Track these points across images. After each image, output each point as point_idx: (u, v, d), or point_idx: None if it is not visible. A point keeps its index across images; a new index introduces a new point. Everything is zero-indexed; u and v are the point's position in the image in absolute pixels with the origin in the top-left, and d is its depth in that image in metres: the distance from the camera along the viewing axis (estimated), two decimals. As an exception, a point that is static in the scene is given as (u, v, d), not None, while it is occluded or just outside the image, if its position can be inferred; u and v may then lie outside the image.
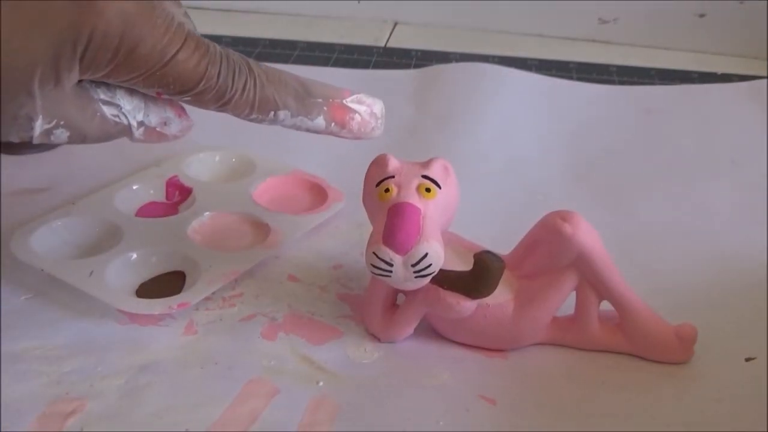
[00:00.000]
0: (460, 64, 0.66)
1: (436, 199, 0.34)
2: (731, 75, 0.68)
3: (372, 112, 0.36)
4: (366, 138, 0.36)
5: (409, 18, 0.78)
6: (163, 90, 0.31)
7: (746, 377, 0.35)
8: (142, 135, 0.34)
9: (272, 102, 0.33)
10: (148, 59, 0.30)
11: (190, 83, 0.31)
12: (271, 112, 0.33)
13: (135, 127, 0.33)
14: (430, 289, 0.34)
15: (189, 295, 0.37)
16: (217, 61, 0.31)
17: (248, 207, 0.44)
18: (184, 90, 0.31)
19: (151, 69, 0.30)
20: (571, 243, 0.34)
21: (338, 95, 0.35)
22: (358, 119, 0.35)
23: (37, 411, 0.32)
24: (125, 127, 0.33)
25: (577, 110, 0.60)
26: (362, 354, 0.36)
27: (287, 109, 0.34)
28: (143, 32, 0.29)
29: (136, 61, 0.29)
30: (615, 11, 0.74)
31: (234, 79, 0.32)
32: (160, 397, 0.33)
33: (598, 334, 0.36)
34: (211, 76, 0.31)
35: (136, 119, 0.33)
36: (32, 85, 0.29)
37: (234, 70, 0.32)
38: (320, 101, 0.34)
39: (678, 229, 0.46)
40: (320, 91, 0.34)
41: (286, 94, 0.33)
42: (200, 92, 0.31)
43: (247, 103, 0.33)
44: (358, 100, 0.35)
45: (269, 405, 0.33)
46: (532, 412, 0.33)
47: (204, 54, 0.31)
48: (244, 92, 0.32)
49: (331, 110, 0.35)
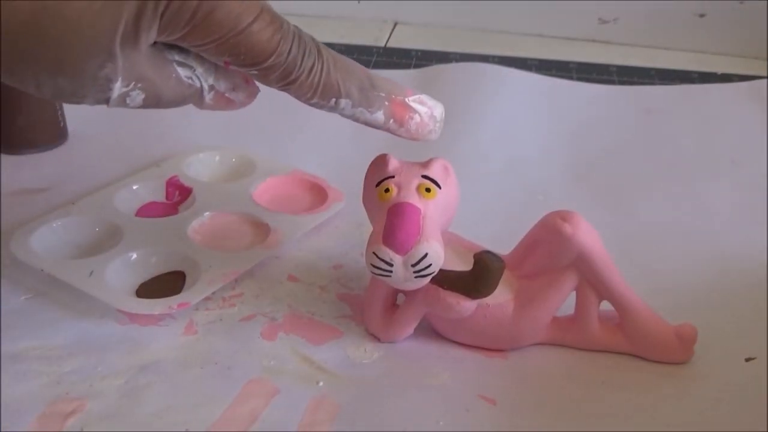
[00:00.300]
0: (460, 64, 0.66)
1: (436, 199, 0.34)
2: (731, 75, 0.68)
3: (432, 114, 0.35)
4: (422, 140, 0.35)
5: (409, 18, 0.78)
6: (233, 60, 0.31)
7: (746, 377, 0.35)
8: (211, 99, 0.33)
9: (336, 89, 0.33)
10: (224, 25, 0.29)
11: (260, 56, 0.31)
12: (333, 99, 0.33)
13: (207, 90, 0.33)
14: (430, 289, 0.34)
15: (189, 295, 0.37)
16: (290, 38, 0.31)
17: (248, 207, 0.44)
18: (254, 62, 0.31)
19: (225, 35, 0.30)
20: (571, 243, 0.34)
21: (401, 92, 0.34)
22: (417, 119, 0.35)
23: (37, 411, 0.32)
24: (197, 89, 0.33)
25: (577, 110, 0.60)
26: (362, 354, 0.36)
27: (349, 98, 0.33)
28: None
29: (212, 25, 0.29)
30: (615, 11, 0.74)
31: (303, 59, 0.31)
32: (160, 397, 0.33)
33: (598, 334, 0.36)
34: (282, 51, 0.31)
35: (207, 82, 0.33)
36: (114, 43, 0.28)
37: (305, 50, 0.31)
38: (383, 95, 0.34)
39: (678, 229, 0.46)
40: (384, 85, 0.34)
41: (350, 83, 0.33)
42: (269, 67, 0.31)
43: (311, 85, 0.32)
44: (420, 100, 0.35)
45: (269, 405, 0.33)
46: (532, 412, 0.33)
47: (278, 29, 0.31)
48: (311, 74, 0.32)
49: (392, 106, 0.34)
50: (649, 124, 0.58)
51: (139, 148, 0.51)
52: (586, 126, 0.58)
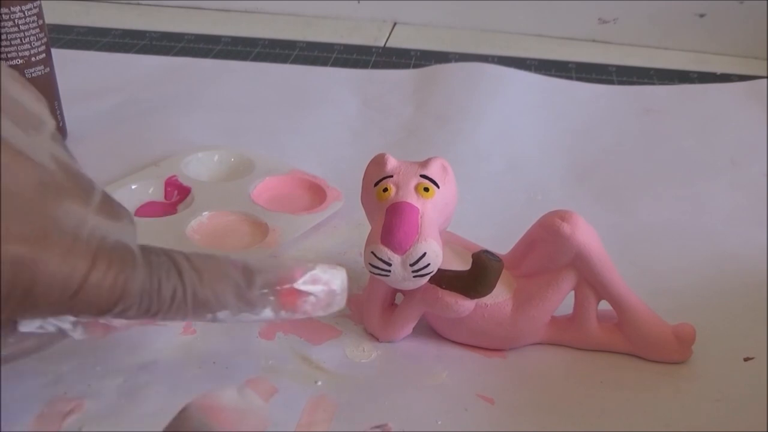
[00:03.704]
0: (459, 64, 0.66)
1: (435, 198, 0.34)
2: (731, 75, 0.68)
3: (330, 289, 0.31)
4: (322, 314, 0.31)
5: (409, 18, 0.78)
6: (76, 316, 0.27)
7: (745, 377, 0.35)
8: (83, 333, 0.28)
9: (208, 304, 0.28)
10: (49, 296, 0.25)
11: (106, 306, 0.26)
12: (208, 315, 0.29)
13: (70, 329, 0.28)
14: (429, 289, 0.34)
15: (187, 295, 0.37)
16: (138, 275, 0.26)
17: (247, 207, 0.44)
18: (101, 312, 0.26)
19: (55, 304, 0.25)
20: (570, 243, 0.34)
21: (288, 278, 0.30)
22: (312, 300, 0.30)
23: (36, 410, 0.32)
24: (56, 335, 0.28)
25: (576, 110, 0.60)
26: (361, 353, 0.36)
27: (226, 309, 0.29)
28: (37, 271, 0.24)
29: (34, 301, 0.25)
30: (615, 11, 0.74)
31: (160, 289, 0.27)
32: (158, 396, 0.33)
33: (596, 334, 0.36)
34: (130, 294, 0.26)
35: (65, 323, 0.28)
36: None
37: (159, 278, 0.27)
38: (265, 291, 0.29)
39: (677, 229, 0.46)
40: (266, 277, 0.29)
41: (224, 292, 0.29)
42: (121, 311, 0.27)
43: (179, 311, 0.28)
44: (313, 278, 0.30)
45: (267, 404, 0.33)
46: (530, 412, 0.33)
47: (120, 270, 0.26)
48: (174, 301, 0.28)
49: (280, 298, 0.30)
50: (649, 124, 0.58)
51: (138, 147, 0.51)
52: (586, 126, 0.58)
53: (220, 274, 0.29)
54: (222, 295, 0.29)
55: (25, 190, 0.24)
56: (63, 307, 0.26)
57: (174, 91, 0.60)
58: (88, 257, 0.25)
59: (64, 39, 0.71)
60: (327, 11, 0.79)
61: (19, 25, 0.46)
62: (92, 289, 0.25)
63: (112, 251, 0.26)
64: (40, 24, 0.47)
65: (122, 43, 0.70)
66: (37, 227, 0.24)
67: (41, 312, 0.26)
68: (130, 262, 0.26)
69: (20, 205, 0.24)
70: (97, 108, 0.57)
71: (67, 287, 0.25)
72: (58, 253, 0.25)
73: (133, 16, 0.78)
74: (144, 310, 0.27)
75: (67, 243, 0.25)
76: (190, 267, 0.28)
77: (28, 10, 0.46)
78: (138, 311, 0.27)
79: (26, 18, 0.46)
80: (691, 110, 0.60)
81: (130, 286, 0.26)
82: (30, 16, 0.46)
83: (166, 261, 0.28)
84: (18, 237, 0.24)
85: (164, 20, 0.77)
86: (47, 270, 0.24)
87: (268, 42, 0.72)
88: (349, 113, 0.58)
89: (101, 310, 0.26)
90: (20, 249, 0.24)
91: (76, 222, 0.25)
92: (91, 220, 0.26)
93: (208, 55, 0.68)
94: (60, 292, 0.25)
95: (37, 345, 0.28)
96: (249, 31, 0.74)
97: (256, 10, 0.79)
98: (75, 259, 0.25)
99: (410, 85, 0.63)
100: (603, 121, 0.59)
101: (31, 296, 0.25)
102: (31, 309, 0.25)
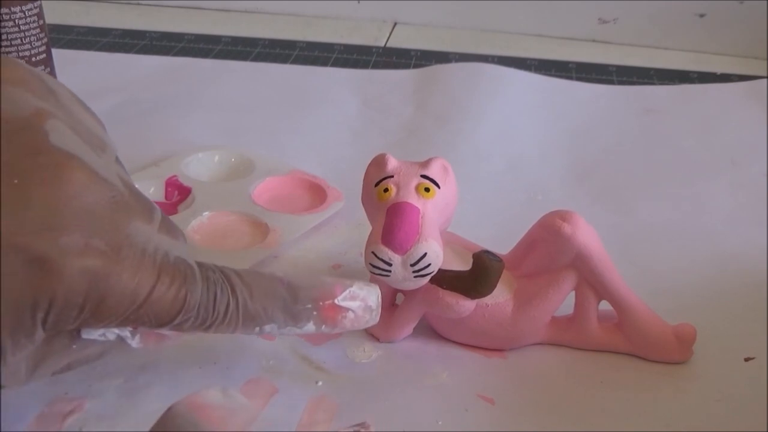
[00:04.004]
0: (459, 64, 0.66)
1: (435, 198, 0.34)
2: (730, 75, 0.68)
3: (366, 305, 0.32)
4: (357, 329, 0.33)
5: (409, 18, 0.78)
6: (139, 327, 0.28)
7: (745, 377, 0.35)
8: (139, 342, 0.30)
9: (258, 319, 0.30)
10: (119, 307, 0.27)
11: (167, 317, 0.28)
12: (257, 327, 0.30)
13: (129, 337, 0.29)
14: (429, 289, 0.34)
15: (188, 295, 0.37)
16: (197, 289, 0.28)
17: (247, 207, 0.44)
18: (162, 324, 0.28)
19: (123, 314, 0.27)
20: (570, 243, 0.34)
21: (329, 295, 0.31)
22: (351, 316, 0.32)
23: (36, 411, 0.32)
24: (115, 342, 0.29)
25: (576, 110, 0.60)
26: (361, 354, 0.36)
27: (274, 323, 0.31)
28: (110, 283, 0.26)
29: (105, 311, 0.26)
30: (615, 11, 0.75)
31: (215, 304, 0.29)
32: (158, 397, 0.33)
33: (596, 334, 0.36)
34: (190, 307, 0.28)
35: (125, 331, 0.29)
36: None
37: (215, 292, 0.29)
38: (309, 307, 0.31)
39: (677, 229, 0.46)
40: (309, 294, 0.31)
41: (272, 307, 0.30)
42: (179, 323, 0.28)
43: (230, 324, 0.30)
44: (351, 295, 0.32)
45: (268, 405, 0.33)
46: (531, 412, 0.33)
47: (182, 284, 0.28)
48: (227, 315, 0.29)
49: (321, 313, 0.31)
50: (649, 124, 0.58)
51: (138, 147, 0.51)
52: (586, 126, 0.58)
53: (268, 290, 0.30)
54: (270, 310, 0.30)
55: (101, 207, 0.26)
56: (129, 318, 0.27)
57: (174, 91, 0.60)
58: (154, 272, 0.27)
59: (65, 39, 0.71)
60: (327, 11, 0.79)
61: (19, 25, 0.46)
62: (157, 301, 0.27)
63: (174, 266, 0.28)
64: (41, 24, 0.47)
65: (122, 43, 0.70)
66: (112, 242, 0.26)
67: (109, 322, 0.27)
68: (190, 277, 0.28)
69: (97, 221, 0.26)
70: (97, 108, 0.56)
71: (135, 300, 0.27)
72: (129, 267, 0.26)
73: (133, 16, 0.78)
74: (200, 323, 0.29)
75: (136, 258, 0.27)
76: (241, 283, 0.30)
77: (28, 10, 0.46)
78: (194, 323, 0.29)
79: (27, 18, 0.46)
80: (691, 110, 0.60)
81: (190, 299, 0.28)
82: (30, 16, 0.46)
83: (221, 277, 0.29)
84: (95, 251, 0.26)
85: (164, 20, 0.77)
86: (119, 283, 0.26)
87: (268, 42, 0.72)
88: (349, 113, 0.58)
89: (163, 322, 0.28)
90: (97, 262, 0.25)
91: (144, 239, 0.27)
92: (155, 238, 0.28)
93: (208, 55, 0.68)
94: (128, 304, 0.27)
95: (99, 352, 0.29)
96: (249, 31, 0.74)
97: (256, 10, 0.79)
98: (143, 273, 0.27)
99: (410, 85, 0.63)
100: (603, 121, 0.59)
101: (103, 307, 0.26)
102: (101, 319, 0.27)
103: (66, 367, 0.29)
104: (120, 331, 0.29)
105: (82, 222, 0.25)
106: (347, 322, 0.32)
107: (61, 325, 0.26)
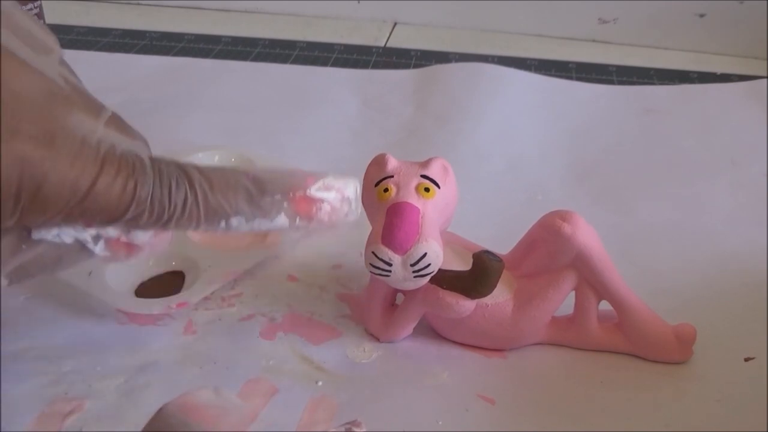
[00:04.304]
0: (459, 64, 0.66)
1: (435, 198, 0.34)
2: (730, 75, 0.68)
3: (344, 196, 0.31)
4: (340, 225, 0.32)
5: (409, 18, 0.78)
6: (89, 222, 0.27)
7: (745, 377, 0.35)
8: (104, 249, 0.29)
9: (221, 211, 0.29)
10: (58, 198, 0.25)
11: (117, 212, 0.27)
12: (222, 221, 0.29)
13: (90, 242, 0.28)
14: (429, 289, 0.34)
15: (188, 295, 0.37)
16: (148, 180, 0.27)
17: (247, 207, 0.44)
18: (113, 219, 0.27)
19: (65, 207, 0.26)
20: (570, 243, 0.34)
21: (300, 185, 0.30)
22: (327, 208, 0.31)
23: (36, 411, 0.32)
24: (75, 247, 0.28)
25: (576, 110, 0.60)
26: (361, 354, 0.36)
27: (240, 215, 0.29)
28: (44, 170, 0.25)
29: (44, 202, 0.25)
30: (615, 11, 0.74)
31: (171, 196, 0.28)
32: (159, 396, 0.33)
33: (597, 334, 0.36)
34: (141, 199, 0.27)
35: (86, 234, 0.28)
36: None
37: (170, 185, 0.28)
38: (278, 197, 0.30)
39: (677, 229, 0.46)
40: (277, 184, 0.30)
41: (236, 199, 0.29)
42: (132, 218, 0.27)
43: (191, 218, 0.28)
44: (326, 186, 0.31)
45: (268, 404, 0.33)
46: (531, 412, 0.33)
47: (129, 176, 0.27)
48: (186, 208, 0.28)
49: (293, 204, 0.30)
50: (649, 124, 0.58)
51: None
52: (586, 126, 0.58)
53: (231, 182, 0.29)
54: (234, 202, 0.29)
55: (33, 94, 0.25)
56: (74, 212, 0.26)
57: (174, 91, 0.60)
58: (96, 162, 0.26)
59: (64, 39, 0.70)
60: (327, 11, 0.79)
61: (19, 25, 0.46)
62: (102, 194, 0.26)
63: (121, 158, 0.27)
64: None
65: (122, 43, 0.70)
66: (45, 129, 0.25)
67: (52, 217, 0.26)
68: (139, 169, 0.27)
69: (29, 107, 0.25)
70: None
71: (75, 190, 0.26)
72: (65, 155, 0.25)
73: (133, 16, 0.78)
74: (156, 218, 0.28)
75: (75, 147, 0.26)
76: (200, 175, 0.29)
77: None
78: (150, 218, 0.27)
79: (26, 18, 0.46)
80: (691, 110, 0.60)
81: (140, 191, 0.27)
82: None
83: (176, 169, 0.28)
84: (26, 136, 0.25)
85: (164, 20, 0.77)
86: (55, 171, 0.25)
87: (268, 42, 0.72)
88: (349, 113, 0.58)
89: (113, 217, 0.27)
90: (27, 147, 0.25)
91: (85, 131, 0.26)
92: (101, 131, 0.27)
93: (208, 55, 0.68)
94: (69, 195, 0.26)
95: (55, 256, 0.28)
96: (249, 31, 0.74)
97: (256, 10, 0.79)
98: (83, 163, 0.26)
99: (410, 85, 0.63)
100: (603, 121, 0.58)
101: (40, 197, 0.25)
102: (41, 212, 0.26)
103: (22, 271, 0.28)
104: (78, 233, 0.28)
105: (12, 106, 0.25)
106: (323, 215, 0.31)
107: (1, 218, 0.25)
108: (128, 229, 0.28)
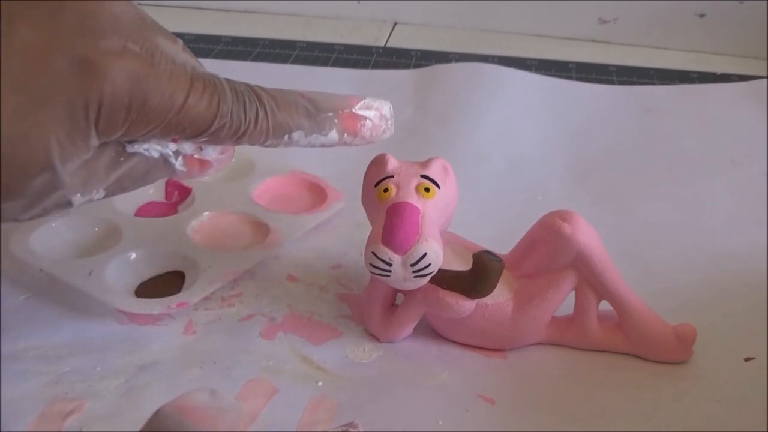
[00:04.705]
0: (459, 64, 0.66)
1: (435, 198, 0.34)
2: (731, 75, 0.68)
3: (381, 114, 0.35)
4: (378, 141, 0.35)
5: (409, 18, 0.78)
6: (180, 135, 0.30)
7: (745, 377, 0.35)
8: (182, 165, 0.33)
9: (286, 126, 0.32)
10: (160, 110, 0.29)
11: (204, 124, 0.30)
12: (286, 135, 0.33)
13: (172, 157, 0.32)
14: (429, 289, 0.34)
15: (188, 295, 0.37)
16: (227, 97, 0.31)
17: (247, 207, 0.44)
18: (200, 132, 0.30)
19: (165, 119, 0.29)
20: (570, 243, 0.34)
21: (346, 104, 0.34)
22: (369, 125, 0.35)
23: (36, 411, 0.32)
24: (160, 162, 0.32)
25: (576, 110, 0.60)
26: (361, 354, 0.36)
27: (301, 130, 0.33)
28: (149, 84, 0.28)
29: (148, 114, 0.29)
30: (615, 11, 0.74)
31: (246, 111, 0.31)
32: (159, 397, 0.33)
33: (597, 334, 0.36)
34: (223, 113, 0.30)
35: (169, 149, 0.32)
36: (53, 161, 0.28)
37: (244, 101, 0.31)
38: (330, 115, 0.34)
39: (678, 229, 0.46)
40: (328, 103, 0.34)
41: (297, 116, 0.33)
42: (215, 131, 0.31)
43: (262, 132, 0.32)
44: (366, 105, 0.35)
45: (268, 405, 0.33)
46: (531, 412, 0.33)
47: (213, 92, 0.30)
48: (258, 122, 0.32)
49: (342, 121, 0.34)
50: (649, 124, 0.58)
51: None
52: (586, 126, 0.58)
53: (291, 100, 0.33)
54: (296, 118, 0.33)
55: (129, 18, 0.29)
56: (170, 125, 0.29)
57: (174, 91, 0.60)
58: (187, 79, 0.29)
59: (65, 39, 0.70)
60: (327, 11, 0.79)
61: (19, 25, 0.46)
62: (193, 107, 0.30)
63: (204, 77, 0.30)
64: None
65: (122, 43, 0.70)
66: (145, 47, 0.29)
67: (153, 129, 0.29)
68: (220, 87, 0.31)
69: (128, 28, 0.29)
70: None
71: (173, 104, 0.29)
72: (163, 71, 0.29)
73: (133, 16, 0.78)
74: (234, 131, 0.31)
75: (169, 65, 0.29)
76: (266, 94, 0.32)
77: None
78: (228, 131, 0.31)
79: (27, 18, 0.46)
80: (691, 110, 0.60)
81: (223, 106, 0.30)
82: (30, 17, 0.46)
83: (247, 89, 0.32)
84: (132, 54, 0.28)
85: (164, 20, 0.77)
86: (158, 86, 0.29)
87: (268, 42, 0.72)
88: (350, 113, 0.58)
89: (201, 130, 0.30)
90: (135, 64, 0.28)
91: (172, 52, 0.30)
92: (182, 55, 0.31)
93: (208, 55, 0.68)
94: (168, 108, 0.29)
95: (145, 170, 0.32)
96: (249, 31, 0.74)
97: (256, 10, 0.79)
98: (177, 79, 0.29)
99: (410, 85, 0.62)
100: (603, 121, 0.58)
101: (147, 108, 0.28)
102: (145, 123, 0.29)
103: (117, 184, 0.31)
104: (162, 148, 0.32)
105: (115, 27, 0.28)
106: (366, 131, 0.34)
107: (112, 128, 0.28)
108: (208, 143, 0.32)
